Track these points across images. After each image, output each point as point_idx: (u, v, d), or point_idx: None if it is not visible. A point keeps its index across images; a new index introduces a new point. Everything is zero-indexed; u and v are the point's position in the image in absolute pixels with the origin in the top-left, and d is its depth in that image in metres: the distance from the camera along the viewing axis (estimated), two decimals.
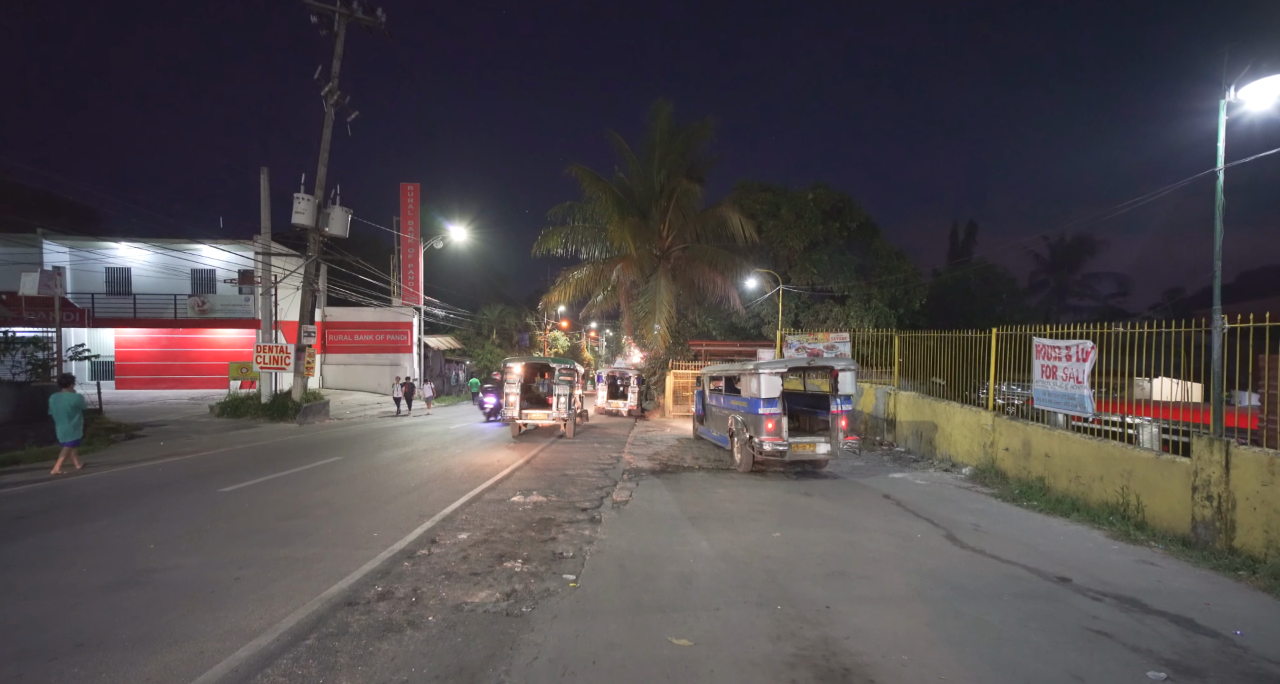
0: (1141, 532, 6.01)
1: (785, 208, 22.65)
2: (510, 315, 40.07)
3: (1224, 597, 4.39)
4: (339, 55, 18.10)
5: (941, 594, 4.37)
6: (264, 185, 18.25)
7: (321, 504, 6.93)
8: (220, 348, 23.74)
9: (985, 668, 3.28)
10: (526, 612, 3.93)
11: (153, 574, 4.56)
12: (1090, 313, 37.07)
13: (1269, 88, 5.06)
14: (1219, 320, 5.50)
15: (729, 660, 3.32)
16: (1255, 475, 5.05)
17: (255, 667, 3.14)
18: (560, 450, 11.82)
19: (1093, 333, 7.17)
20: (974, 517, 6.75)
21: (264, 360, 16.95)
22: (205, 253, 22.97)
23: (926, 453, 10.79)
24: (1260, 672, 3.28)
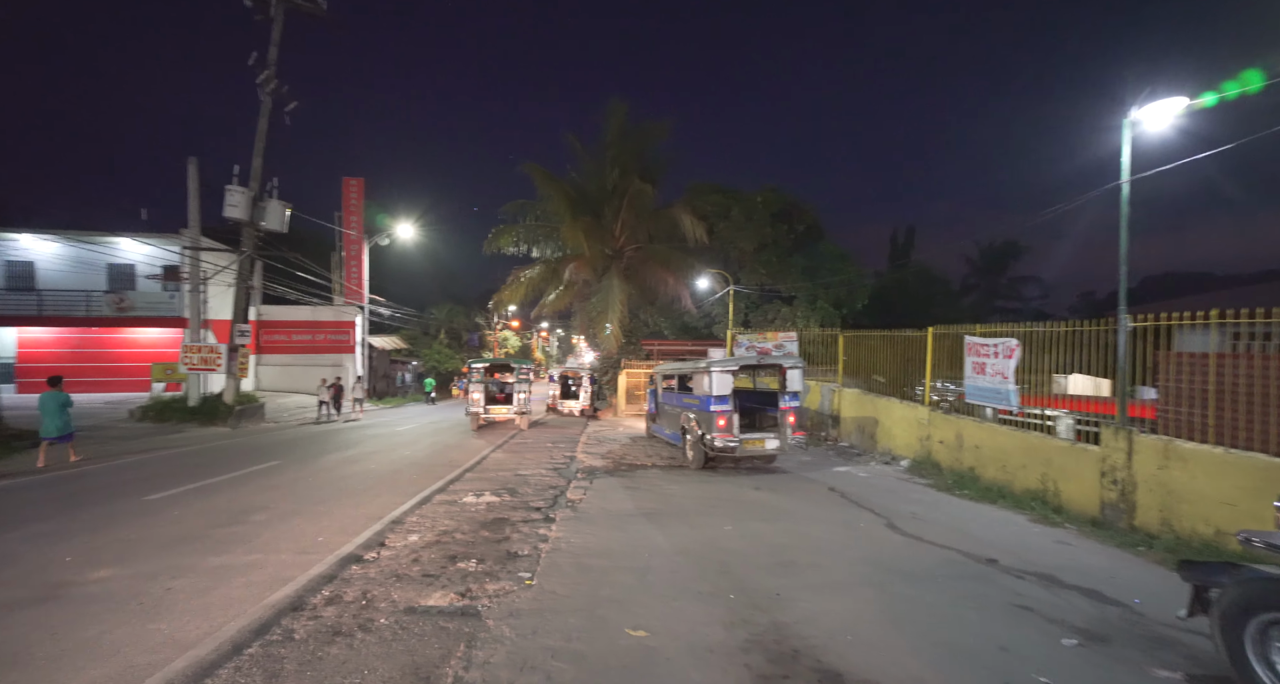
0: (1059, 515, 6.51)
1: (736, 209, 23.11)
2: (459, 314, 39.18)
3: (1126, 570, 4.83)
4: (276, 42, 17.26)
5: (882, 578, 4.62)
6: (192, 176, 17.17)
7: (260, 509, 6.62)
8: (142, 348, 22.15)
9: (922, 643, 3.51)
10: (483, 610, 3.91)
11: (72, 588, 4.26)
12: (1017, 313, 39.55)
13: (1164, 109, 5.61)
14: (1124, 320, 6.03)
15: (685, 648, 3.41)
16: (1153, 460, 5.57)
17: (192, 678, 2.99)
18: (513, 451, 11.69)
19: (1017, 332, 7.70)
20: (912, 506, 7.12)
21: (193, 361, 15.97)
22: (125, 246, 21.38)
23: (869, 447, 11.28)
24: (1154, 634, 3.65)
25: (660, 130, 21.43)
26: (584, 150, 21.80)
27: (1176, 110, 5.53)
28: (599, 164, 21.32)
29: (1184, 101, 5.46)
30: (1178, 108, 5.51)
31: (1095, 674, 3.17)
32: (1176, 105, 5.50)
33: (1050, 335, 7.26)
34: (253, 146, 16.94)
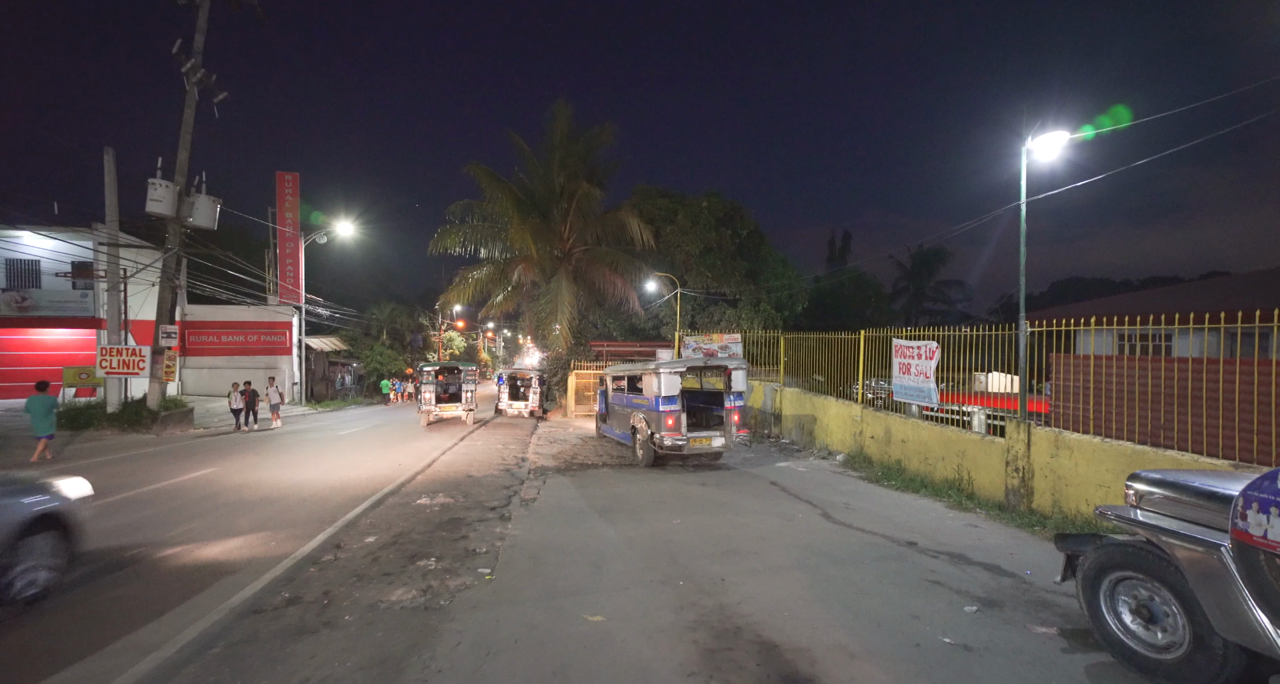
0: (971, 501, 7.23)
1: (682, 214, 23.70)
2: (402, 314, 38.11)
3: (1022, 547, 5.50)
4: (202, 29, 16.42)
5: (816, 562, 5.09)
6: (108, 168, 16.09)
7: (202, 516, 6.48)
8: (49, 351, 20.50)
9: (847, 615, 3.96)
10: (445, 604, 4.09)
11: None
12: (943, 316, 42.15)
13: (1053, 141, 6.41)
14: (1023, 326, 6.80)
15: (638, 630, 3.73)
16: (1046, 450, 6.33)
17: (160, 678, 3.06)
18: (463, 452, 11.69)
19: (936, 335, 8.44)
20: (845, 497, 7.71)
21: (112, 364, 15.00)
22: (27, 241, 19.76)
23: (808, 443, 11.96)
24: (1038, 599, 4.25)
25: (605, 133, 21.69)
26: (530, 151, 21.79)
27: (1062, 142, 6.34)
28: (546, 166, 21.38)
29: (1066, 136, 6.27)
30: (1062, 140, 6.32)
31: (988, 633, 3.69)
32: (1061, 138, 6.31)
33: (964, 338, 8.02)
34: (178, 139, 16.07)
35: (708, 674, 3.18)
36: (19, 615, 3.93)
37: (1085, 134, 6.13)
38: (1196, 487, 2.97)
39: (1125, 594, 3.25)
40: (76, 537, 4.56)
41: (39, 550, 4.18)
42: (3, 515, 3.95)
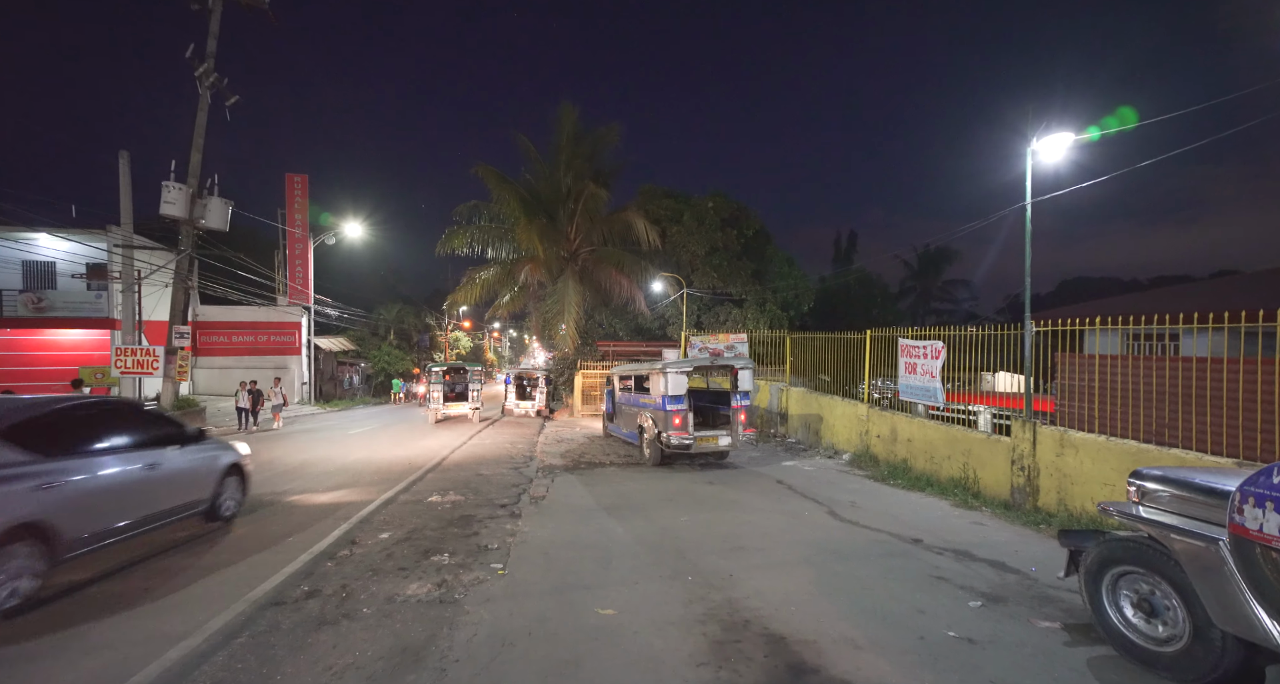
0: (977, 499, 7.28)
1: (687, 214, 23.78)
2: (409, 315, 38.35)
3: (1027, 544, 5.56)
4: (214, 33, 16.61)
5: (822, 559, 5.16)
6: (123, 171, 16.38)
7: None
8: (64, 351, 20.78)
9: (853, 610, 4.04)
10: (459, 598, 4.20)
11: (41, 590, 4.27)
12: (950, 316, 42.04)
13: (1058, 142, 6.45)
14: (1029, 326, 6.85)
15: (648, 622, 3.82)
16: (1051, 449, 6.38)
17: (190, 665, 3.18)
18: (472, 451, 11.82)
19: (942, 334, 8.48)
20: (851, 495, 7.77)
21: (126, 364, 15.24)
22: (43, 243, 20.04)
23: (814, 442, 12.02)
24: (1043, 594, 4.32)
25: (611, 134, 21.85)
26: (536, 152, 21.97)
27: (1067, 143, 6.38)
28: (552, 166, 21.53)
29: (1071, 137, 6.32)
30: (1067, 142, 6.36)
31: (992, 627, 3.76)
32: (1066, 139, 6.35)
33: (970, 338, 8.06)
34: (190, 142, 16.29)
35: (717, 664, 3.27)
36: (223, 528, 6.16)
37: (1091, 135, 6.18)
38: (1196, 482, 3.04)
39: (1127, 588, 3.32)
40: (248, 480, 6.82)
41: (232, 487, 6.39)
42: (216, 463, 6.14)
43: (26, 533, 3.93)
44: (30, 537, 3.95)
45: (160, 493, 5.24)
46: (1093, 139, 6.20)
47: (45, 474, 4.16)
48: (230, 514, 6.31)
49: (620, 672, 3.20)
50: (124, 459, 4.93)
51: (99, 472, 4.66)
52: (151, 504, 5.13)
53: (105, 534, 4.62)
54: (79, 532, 4.33)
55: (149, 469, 5.11)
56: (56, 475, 4.23)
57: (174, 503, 5.42)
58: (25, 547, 3.93)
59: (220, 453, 6.31)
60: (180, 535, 5.78)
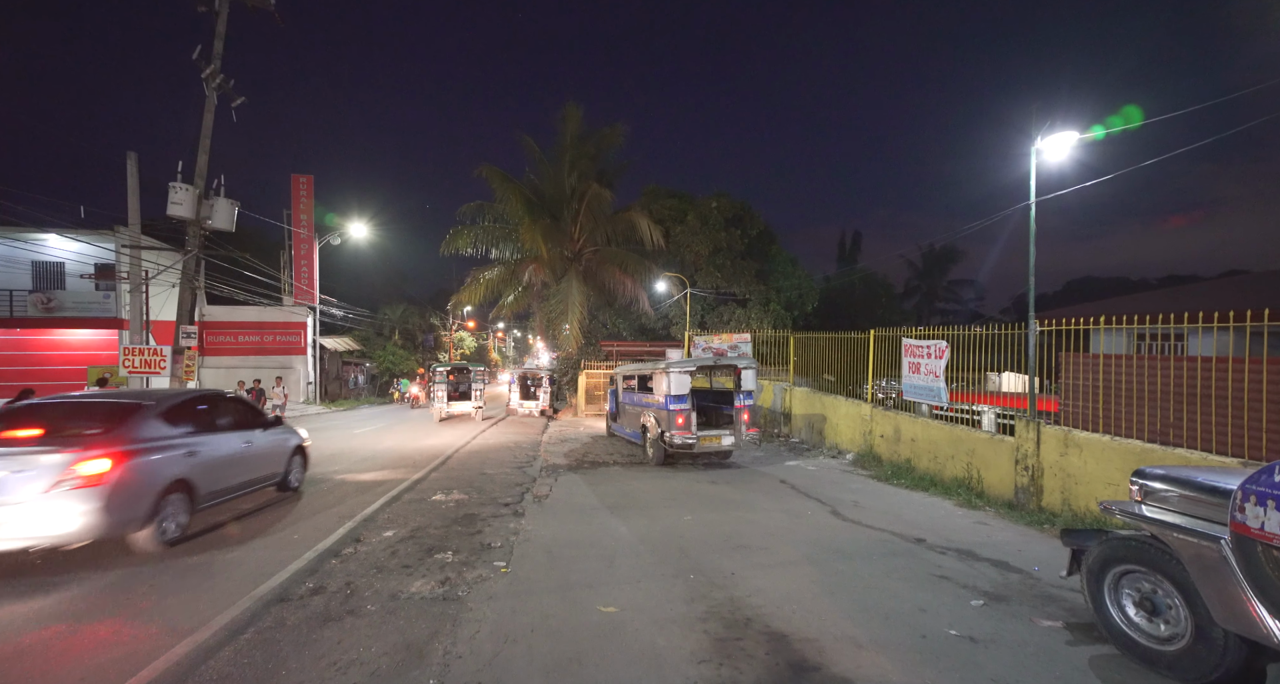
0: (980, 499, 7.27)
1: (691, 214, 23.79)
2: (414, 315, 38.52)
3: (1031, 544, 5.55)
4: (221, 35, 16.68)
5: (825, 558, 5.17)
6: (131, 172, 16.46)
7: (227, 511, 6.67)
8: (72, 351, 20.97)
9: (855, 608, 4.04)
10: (463, 595, 4.23)
11: (49, 587, 4.33)
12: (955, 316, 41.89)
13: (1062, 141, 6.43)
14: (1033, 325, 6.83)
15: (651, 620, 3.84)
16: (1055, 448, 6.36)
17: (197, 660, 3.22)
18: (476, 450, 11.87)
19: (946, 334, 8.47)
20: (854, 495, 7.77)
21: (134, 364, 15.33)
22: (52, 243, 20.22)
23: (817, 442, 12.01)
24: (1045, 594, 4.31)
25: (615, 134, 21.84)
26: (541, 153, 21.99)
27: (1071, 142, 6.36)
28: (556, 167, 21.56)
29: (1076, 136, 6.29)
30: (1071, 141, 6.34)
31: (993, 625, 3.76)
32: (1070, 138, 6.33)
33: (974, 337, 8.04)
34: (197, 143, 16.40)
35: (718, 661, 3.29)
36: (292, 496, 7.54)
37: (1095, 134, 6.16)
38: (1198, 481, 3.03)
39: (1129, 587, 3.32)
40: (308, 460, 8.23)
41: (297, 464, 7.78)
42: (287, 444, 7.53)
43: (179, 486, 5.38)
44: (181, 489, 5.40)
45: (254, 465, 6.69)
46: (1097, 138, 6.19)
47: (188, 445, 5.63)
48: (296, 485, 7.76)
49: (622, 669, 3.22)
50: (232, 437, 6.40)
51: (219, 445, 6.10)
52: (249, 473, 6.58)
53: (222, 493, 6.08)
54: (208, 489, 5.78)
55: (247, 446, 6.56)
56: (195, 446, 5.70)
57: (261, 473, 6.88)
58: (178, 496, 5.36)
59: (289, 436, 7.70)
60: (261, 500, 7.19)
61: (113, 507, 4.68)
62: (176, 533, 5.33)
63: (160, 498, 5.12)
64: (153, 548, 5.08)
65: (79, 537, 4.57)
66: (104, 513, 4.62)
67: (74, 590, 4.34)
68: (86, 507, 4.54)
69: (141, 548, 5.05)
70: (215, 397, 6.76)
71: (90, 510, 4.55)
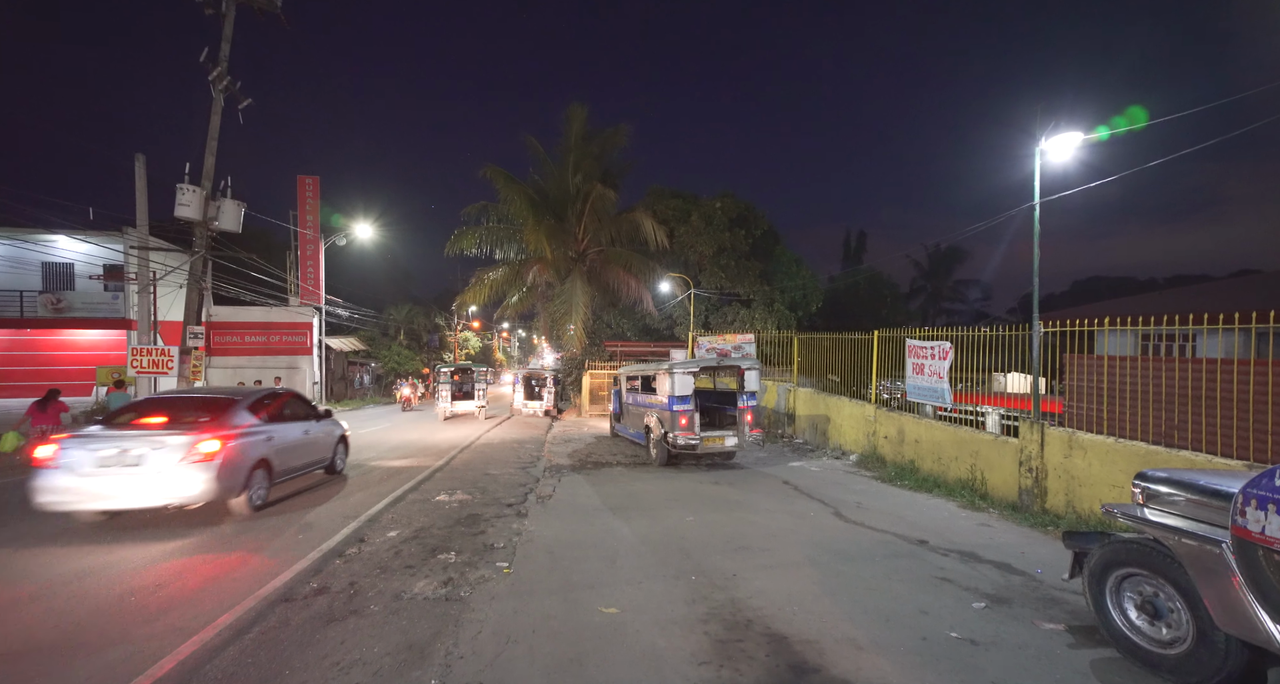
0: (984, 501, 7.25)
1: (695, 215, 23.77)
2: (419, 315, 38.65)
3: (1034, 546, 5.53)
4: (227, 37, 16.82)
5: (827, 559, 5.17)
6: (139, 174, 16.64)
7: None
8: (81, 351, 21.17)
9: (856, 610, 4.05)
10: (465, 596, 4.25)
11: (58, 588, 4.38)
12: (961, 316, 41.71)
13: (1066, 142, 6.40)
14: (1037, 326, 6.80)
15: (652, 621, 3.85)
16: (1059, 450, 6.34)
17: (202, 659, 3.26)
18: (480, 451, 11.91)
19: (950, 335, 8.44)
20: (857, 496, 7.76)
21: (142, 364, 15.48)
22: (62, 244, 20.39)
23: (821, 443, 11.99)
24: (1048, 596, 4.30)
25: (619, 135, 21.84)
26: (545, 153, 22.01)
27: (1075, 143, 6.33)
28: (560, 167, 21.58)
29: (1080, 136, 6.27)
30: (1076, 141, 6.31)
31: (995, 628, 3.76)
32: (1075, 139, 6.30)
33: (978, 338, 8.01)
34: (204, 144, 16.52)
35: (719, 663, 3.30)
36: (338, 478, 8.80)
37: (1100, 135, 6.13)
38: (1200, 484, 3.02)
39: (1130, 590, 3.31)
40: (349, 447, 9.53)
41: (341, 451, 9.09)
42: (334, 434, 8.83)
43: (262, 464, 6.71)
44: (263, 467, 6.73)
45: (311, 450, 8.04)
46: (1102, 138, 6.16)
47: (267, 432, 6.95)
48: (340, 469, 9.06)
49: (622, 669, 3.24)
50: (296, 427, 7.72)
51: (287, 433, 7.42)
52: (307, 456, 7.95)
53: (289, 472, 7.45)
54: (281, 467, 7.15)
55: (306, 434, 7.90)
56: (271, 433, 7.02)
57: (316, 457, 8.22)
58: (261, 472, 6.69)
59: (335, 427, 8.96)
60: (312, 481, 8.48)
61: (221, 477, 5.99)
62: (260, 501, 6.70)
63: (250, 472, 6.46)
64: (245, 511, 6.41)
65: (199, 499, 5.91)
66: (215, 481, 5.92)
67: (204, 535, 5.86)
68: (204, 476, 5.86)
69: (237, 511, 6.39)
70: (283, 393, 8.04)
71: (207, 479, 5.87)
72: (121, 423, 6.37)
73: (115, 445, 5.76)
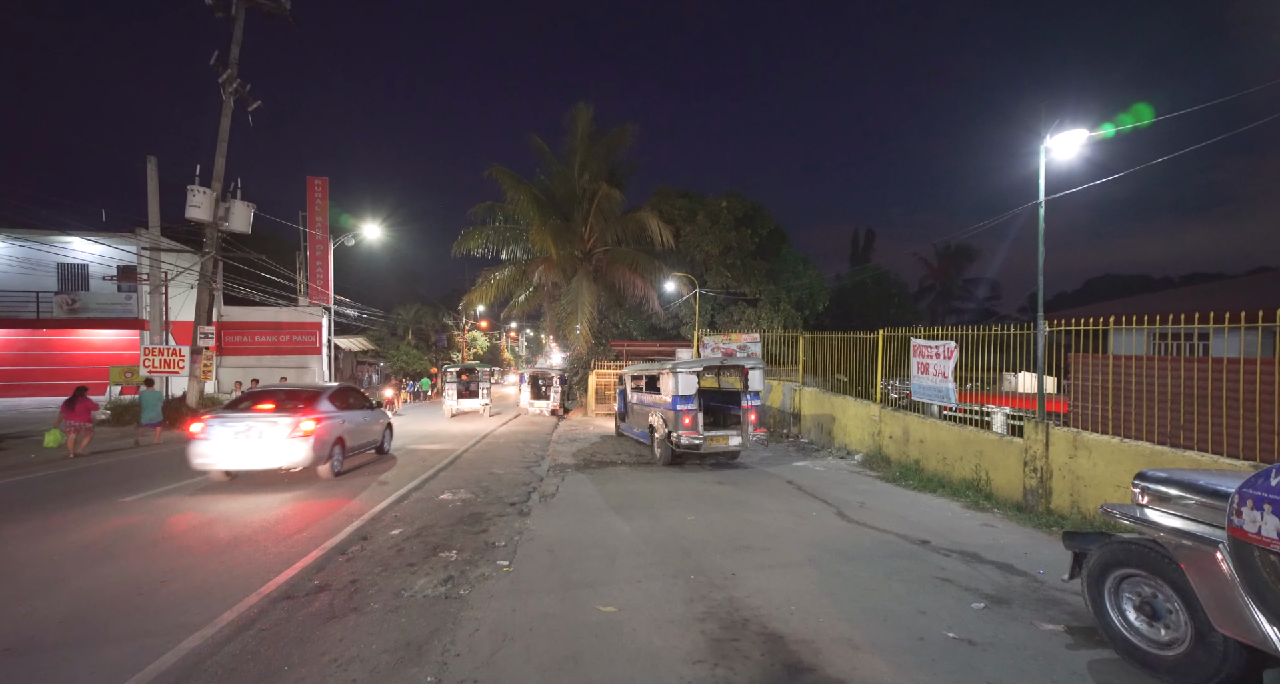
0: (989, 501, 7.20)
1: (701, 214, 23.72)
2: (427, 315, 38.87)
3: (1037, 547, 5.49)
4: (237, 41, 17.05)
5: (827, 559, 5.16)
6: (151, 175, 16.88)
7: (243, 508, 6.82)
8: (95, 351, 21.47)
9: (854, 610, 4.04)
10: (464, 594, 4.29)
11: (67, 583, 4.46)
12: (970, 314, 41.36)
13: (1071, 139, 6.34)
14: (1041, 325, 6.75)
15: (649, 620, 3.86)
16: (1064, 450, 6.28)
17: (204, 654, 3.31)
18: (485, 450, 11.97)
19: (955, 334, 8.39)
20: (861, 496, 7.73)
21: (154, 364, 15.71)
22: (76, 246, 20.70)
23: (826, 443, 11.95)
24: (1048, 597, 4.27)
25: (625, 135, 21.85)
26: (551, 154, 22.07)
27: (1081, 141, 6.27)
28: (566, 167, 21.63)
29: (1085, 133, 6.20)
30: (1081, 138, 6.25)
31: (993, 628, 3.74)
32: (1080, 137, 6.24)
33: (984, 337, 7.95)
34: (214, 146, 16.72)
35: (713, 662, 3.31)
36: (386, 457, 10.79)
37: (1105, 132, 6.06)
38: (1199, 484, 2.99)
39: (1129, 591, 3.28)
40: (392, 433, 11.59)
41: (387, 436, 11.11)
42: (382, 420, 10.85)
43: (340, 442, 8.86)
44: (340, 444, 8.89)
45: (368, 432, 10.12)
46: (1107, 136, 6.09)
47: (342, 417, 9.09)
48: (387, 450, 11.14)
49: (617, 667, 3.25)
50: (359, 414, 9.81)
51: (354, 418, 9.51)
52: (366, 437, 10.04)
53: (355, 449, 9.58)
54: (351, 445, 9.33)
55: (365, 420, 9.97)
56: (344, 418, 9.15)
57: (371, 439, 10.30)
58: (338, 447, 8.83)
59: (383, 416, 11.12)
60: (366, 460, 10.41)
61: (316, 448, 8.16)
62: (339, 468, 8.90)
63: (333, 446, 8.63)
64: (329, 476, 8.57)
65: (301, 464, 8.04)
66: (312, 451, 8.08)
67: (307, 488, 8.05)
68: (305, 446, 8.01)
69: (323, 475, 8.54)
70: (349, 387, 10.29)
71: (307, 449, 8.02)
72: (243, 408, 8.39)
73: (244, 424, 7.88)
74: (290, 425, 7.92)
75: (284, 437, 7.84)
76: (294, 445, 7.87)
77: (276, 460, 7.81)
